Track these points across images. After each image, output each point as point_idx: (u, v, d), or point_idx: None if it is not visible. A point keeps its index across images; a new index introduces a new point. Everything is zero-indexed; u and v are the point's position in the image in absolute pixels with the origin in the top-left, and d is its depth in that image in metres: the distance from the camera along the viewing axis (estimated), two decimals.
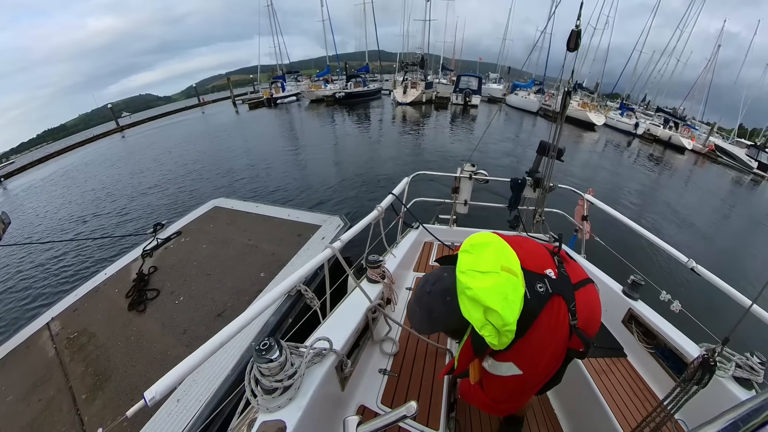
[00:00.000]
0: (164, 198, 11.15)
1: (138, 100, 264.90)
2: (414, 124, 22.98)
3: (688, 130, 26.09)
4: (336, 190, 10.37)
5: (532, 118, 29.95)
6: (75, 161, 22.17)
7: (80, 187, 14.67)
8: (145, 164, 16.36)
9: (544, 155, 3.40)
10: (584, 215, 3.44)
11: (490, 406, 1.35)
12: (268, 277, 4.27)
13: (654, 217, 10.20)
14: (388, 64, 62.42)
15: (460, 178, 3.93)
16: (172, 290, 4.28)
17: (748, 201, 16.46)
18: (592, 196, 3.42)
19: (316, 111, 29.49)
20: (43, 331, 4.06)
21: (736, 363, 1.84)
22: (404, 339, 2.33)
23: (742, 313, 1.58)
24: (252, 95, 39.72)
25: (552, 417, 2.26)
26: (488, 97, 38.10)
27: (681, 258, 2.38)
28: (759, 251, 9.37)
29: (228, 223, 5.86)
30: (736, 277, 7.22)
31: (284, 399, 1.28)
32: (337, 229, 5.14)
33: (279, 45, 40.17)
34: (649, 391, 2.16)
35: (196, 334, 3.55)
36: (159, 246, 5.33)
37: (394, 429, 1.67)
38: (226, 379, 2.88)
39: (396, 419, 0.91)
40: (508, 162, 14.15)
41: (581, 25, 2.74)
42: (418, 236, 3.62)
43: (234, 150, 16.98)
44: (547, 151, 3.32)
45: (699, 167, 21.80)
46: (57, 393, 3.21)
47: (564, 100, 3.06)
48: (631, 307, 2.52)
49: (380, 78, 42.83)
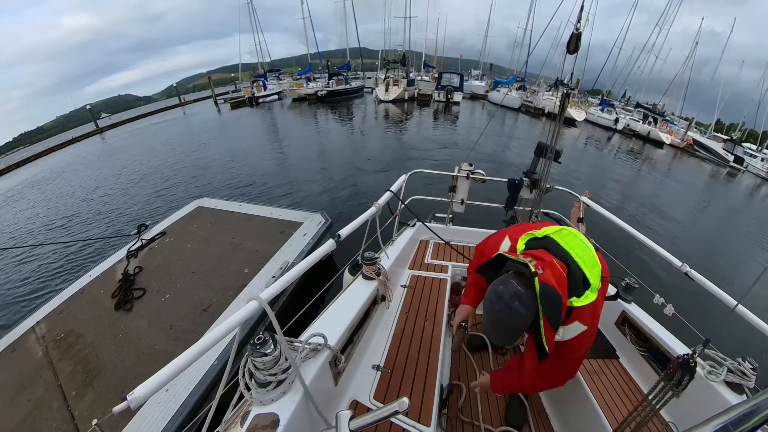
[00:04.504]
0: (147, 199, 11.08)
1: (118, 100, 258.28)
2: (397, 122, 23.11)
3: (666, 125, 26.88)
4: (320, 189, 10.49)
5: (514, 114, 30.39)
6: (53, 164, 21.65)
7: (58, 191, 14.37)
8: (126, 166, 16.10)
9: (542, 156, 3.42)
10: (580, 217, 3.41)
11: (554, 378, 1.53)
12: (252, 273, 4.41)
13: (633, 208, 10.58)
14: (370, 62, 62.29)
15: (458, 177, 3.95)
16: (158, 289, 4.38)
17: (725, 193, 17.20)
18: (588, 198, 3.39)
19: (299, 110, 29.32)
20: (29, 335, 4.08)
21: (728, 368, 1.86)
22: (398, 336, 2.34)
23: (733, 315, 1.69)
24: (233, 94, 39.11)
25: (543, 416, 2.31)
26: (470, 94, 38.44)
27: (675, 262, 2.36)
28: (735, 241, 9.89)
29: (211, 222, 5.95)
30: (713, 266, 7.63)
31: (278, 392, 1.31)
32: (318, 226, 5.30)
33: (260, 43, 39.74)
34: (640, 392, 2.19)
35: (182, 329, 3.68)
36: (143, 246, 5.39)
37: (386, 424, 1.70)
38: (212, 369, 3.02)
39: (388, 414, 0.91)
40: (493, 158, 14.46)
41: (581, 27, 2.79)
42: (414, 234, 3.64)
43: (216, 150, 16.85)
44: (544, 153, 3.35)
45: (677, 161, 22.55)
46: (46, 392, 3.26)
47: (563, 102, 3.10)
48: (625, 309, 2.55)
49: (362, 76, 42.76)
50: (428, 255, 3.59)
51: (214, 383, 2.96)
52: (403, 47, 39.01)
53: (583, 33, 2.88)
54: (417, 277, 3.09)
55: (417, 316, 2.55)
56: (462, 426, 2.19)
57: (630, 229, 2.79)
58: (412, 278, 3.06)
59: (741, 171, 23.70)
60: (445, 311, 2.63)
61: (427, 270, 3.26)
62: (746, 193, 18.57)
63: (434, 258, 3.53)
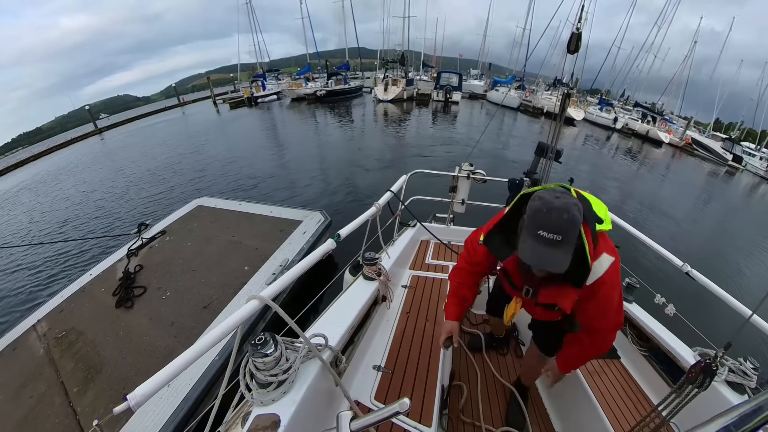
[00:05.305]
0: (146, 200, 11.08)
1: (116, 101, 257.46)
2: (396, 122, 23.15)
3: (665, 124, 26.98)
4: (319, 189, 10.52)
5: (513, 113, 30.43)
6: (53, 165, 21.63)
7: (58, 191, 14.38)
8: (126, 166, 16.10)
9: (542, 156, 3.42)
10: None
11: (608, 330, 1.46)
12: (252, 270, 4.43)
13: (632, 208, 10.63)
14: (369, 62, 62.36)
15: (458, 177, 3.94)
16: (159, 286, 4.40)
17: (724, 191, 17.25)
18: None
19: (298, 109, 29.33)
20: (30, 333, 4.10)
21: (729, 368, 1.86)
22: (398, 336, 2.34)
23: (736, 317, 1.68)
24: (232, 94, 39.05)
25: (544, 417, 2.32)
26: (469, 93, 38.50)
27: (676, 262, 2.35)
28: (734, 240, 9.90)
29: (212, 221, 5.97)
30: (714, 265, 7.66)
31: (278, 393, 1.30)
32: (317, 224, 5.33)
33: (258, 43, 39.58)
34: (642, 393, 2.19)
35: (183, 326, 3.71)
36: (144, 245, 5.42)
37: (386, 425, 1.70)
38: (213, 364, 3.05)
39: (389, 415, 0.91)
40: (492, 157, 14.51)
41: (582, 27, 2.80)
42: (414, 234, 3.63)
43: (215, 150, 16.88)
44: (545, 153, 3.36)
45: (676, 160, 22.65)
46: (48, 389, 3.28)
47: (563, 102, 3.11)
48: (626, 309, 2.52)
49: (361, 75, 42.80)
50: (429, 255, 3.59)
51: (215, 379, 2.99)
52: (402, 47, 39.11)
53: (582, 32, 2.89)
54: (418, 277, 3.10)
55: (418, 316, 2.56)
56: (463, 426, 2.19)
57: (630, 228, 2.76)
58: (413, 278, 3.07)
59: (740, 170, 23.80)
60: None
61: (428, 270, 3.27)
62: (745, 192, 18.66)
63: (435, 258, 3.55)
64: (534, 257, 1.11)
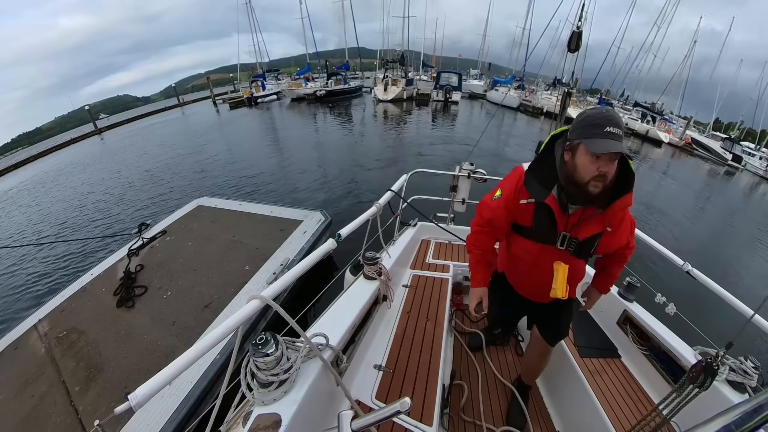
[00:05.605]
0: (147, 200, 11.08)
1: (116, 101, 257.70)
2: (395, 122, 23.15)
3: (665, 124, 27.03)
4: (319, 188, 10.52)
5: (513, 113, 30.45)
6: (53, 165, 21.64)
7: (58, 192, 14.38)
8: (126, 166, 16.12)
9: None
10: None
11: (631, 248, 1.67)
12: (253, 270, 4.44)
13: (631, 207, 10.62)
14: (369, 62, 62.38)
15: (459, 177, 3.94)
16: (160, 286, 4.40)
17: (724, 190, 17.26)
18: None
19: (298, 109, 29.35)
20: (30, 333, 4.09)
21: (730, 367, 1.87)
22: (399, 336, 2.33)
23: (737, 316, 1.68)
24: (232, 94, 39.07)
25: (545, 416, 2.33)
26: (469, 93, 38.52)
27: (677, 261, 2.35)
28: (736, 237, 9.99)
29: (212, 221, 5.97)
30: (715, 264, 7.70)
31: (280, 392, 1.30)
32: (318, 224, 5.33)
33: (258, 43, 39.69)
34: (642, 392, 2.19)
35: (184, 325, 3.71)
36: (145, 245, 5.42)
37: (387, 424, 1.70)
38: (214, 363, 3.05)
39: (390, 414, 0.90)
40: (492, 156, 14.53)
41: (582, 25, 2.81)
42: (415, 234, 3.64)
43: (216, 150, 16.88)
44: None
45: (676, 159, 22.65)
46: (50, 388, 3.27)
47: (564, 101, 3.11)
48: (626, 308, 2.55)
49: (361, 75, 42.84)
50: (430, 254, 3.59)
51: (216, 379, 2.99)
52: (402, 47, 39.16)
53: (582, 31, 2.90)
54: (418, 276, 3.10)
55: (418, 316, 2.56)
56: (464, 426, 2.19)
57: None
58: (414, 278, 3.07)
59: (739, 169, 23.81)
60: (447, 311, 2.62)
61: (428, 270, 3.27)
62: (745, 192, 18.67)
63: (435, 258, 3.54)
64: (608, 145, 1.22)
